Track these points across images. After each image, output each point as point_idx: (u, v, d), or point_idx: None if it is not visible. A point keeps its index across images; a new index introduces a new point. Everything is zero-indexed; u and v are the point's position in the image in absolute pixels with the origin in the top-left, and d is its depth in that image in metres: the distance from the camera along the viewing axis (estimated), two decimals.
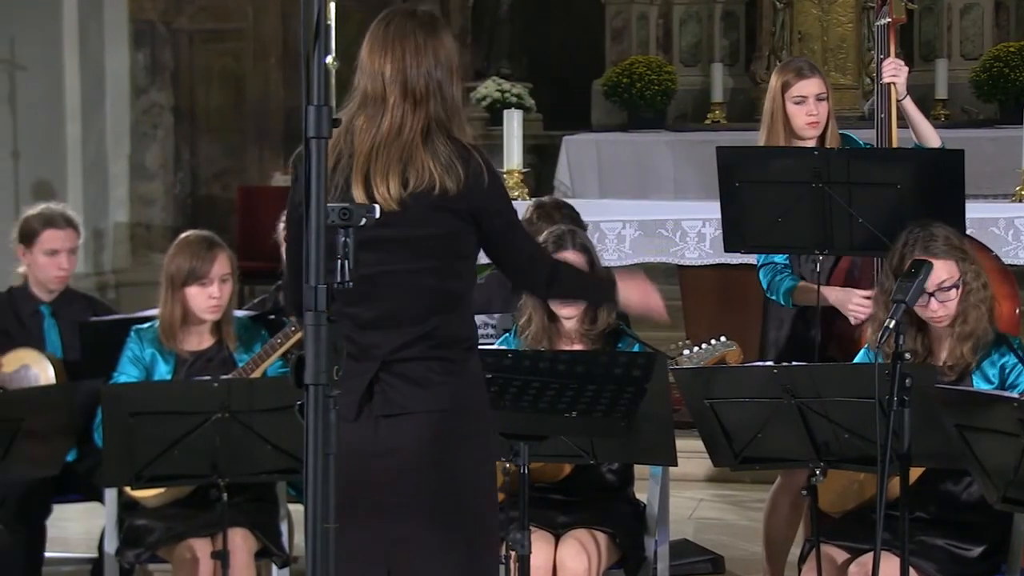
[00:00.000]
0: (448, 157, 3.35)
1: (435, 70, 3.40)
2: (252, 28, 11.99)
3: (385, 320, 3.36)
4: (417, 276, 3.36)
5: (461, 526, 3.40)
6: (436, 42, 3.43)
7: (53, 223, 5.35)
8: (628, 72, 11.35)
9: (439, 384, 3.36)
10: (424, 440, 3.34)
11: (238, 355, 4.88)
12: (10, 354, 5.16)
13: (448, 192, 3.32)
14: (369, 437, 3.33)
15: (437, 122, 3.38)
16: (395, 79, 3.37)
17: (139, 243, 11.97)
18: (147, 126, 11.97)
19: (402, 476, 3.34)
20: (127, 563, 4.67)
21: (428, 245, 3.36)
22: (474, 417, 3.43)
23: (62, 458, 4.64)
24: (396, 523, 3.36)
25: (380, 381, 3.34)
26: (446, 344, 3.39)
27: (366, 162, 3.35)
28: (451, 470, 3.36)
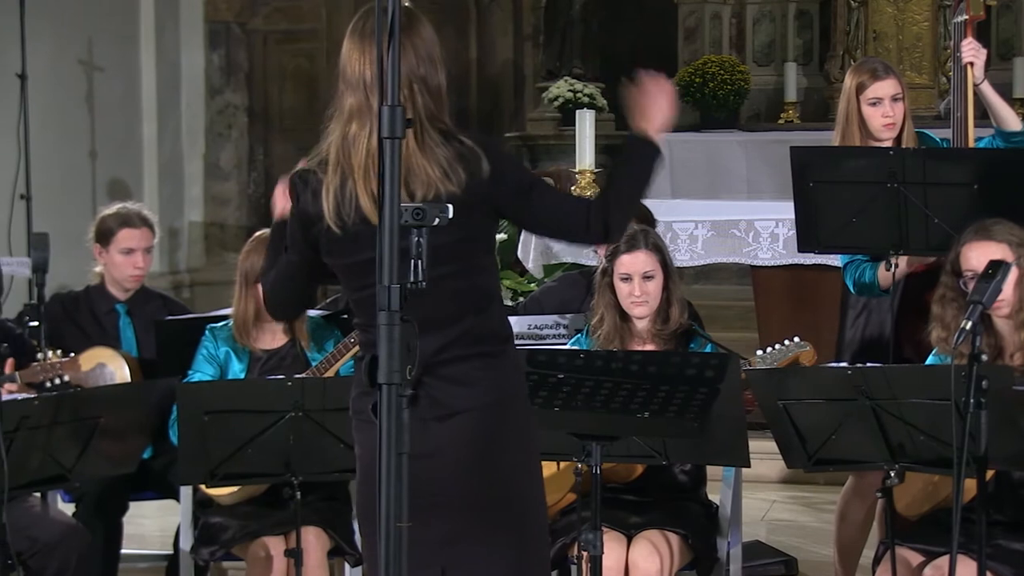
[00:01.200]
0: (447, 159, 3.28)
1: (417, 68, 3.31)
2: (325, 28, 12.06)
3: (424, 324, 3.33)
4: (445, 281, 3.30)
5: (511, 519, 3.38)
6: (414, 38, 3.33)
7: (129, 222, 5.40)
8: (701, 72, 11.31)
9: (481, 380, 3.35)
10: (472, 438, 3.33)
11: (311, 354, 4.90)
12: (87, 352, 5.20)
13: (455, 194, 3.25)
14: (418, 439, 3.31)
15: (428, 119, 3.30)
16: (376, 83, 3.22)
17: (213, 242, 12.08)
18: (221, 126, 12.07)
19: (452, 475, 3.33)
20: (202, 560, 4.71)
21: (449, 251, 3.29)
22: (517, 409, 3.42)
23: (138, 456, 4.68)
24: (448, 522, 3.34)
25: (424, 384, 3.31)
26: (483, 339, 3.37)
27: (365, 177, 3.27)
28: (498, 465, 3.35)
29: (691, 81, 11.32)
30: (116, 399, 4.50)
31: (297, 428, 4.30)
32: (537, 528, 3.49)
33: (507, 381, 3.40)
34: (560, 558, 4.47)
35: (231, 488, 4.68)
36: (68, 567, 4.47)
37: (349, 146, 3.31)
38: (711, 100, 11.29)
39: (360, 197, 3.28)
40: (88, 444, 4.33)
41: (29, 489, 4.47)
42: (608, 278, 4.71)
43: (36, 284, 5.20)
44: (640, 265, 4.64)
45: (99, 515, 5.03)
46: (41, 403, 4.23)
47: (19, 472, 4.13)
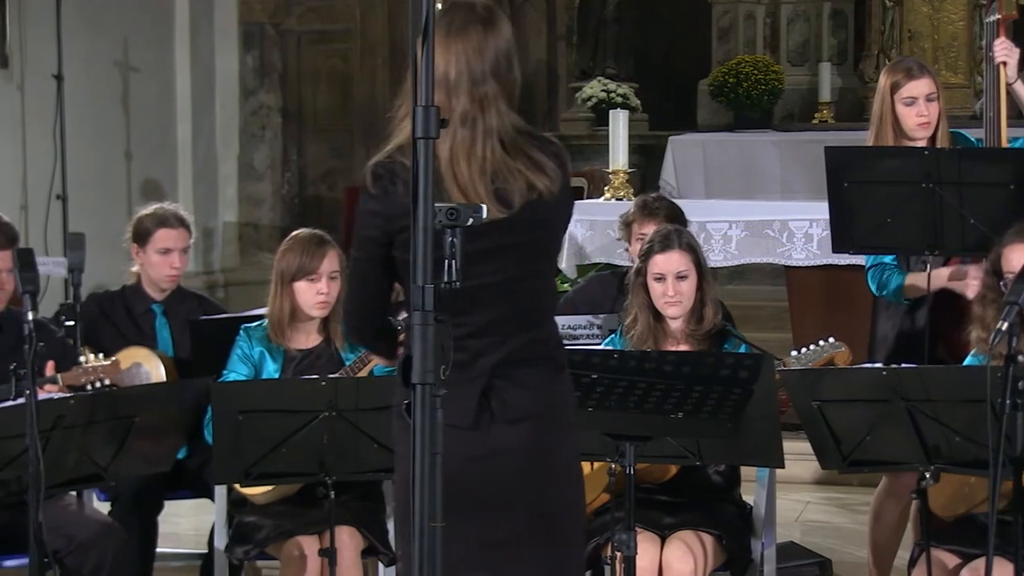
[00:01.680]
0: (537, 156, 3.26)
1: (499, 65, 3.27)
2: (359, 29, 12.07)
3: (495, 327, 3.32)
4: (528, 282, 3.32)
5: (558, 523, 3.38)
6: (497, 37, 3.29)
7: (166, 222, 5.42)
8: (735, 72, 11.29)
9: (545, 384, 3.34)
10: (534, 442, 3.31)
11: (345, 354, 4.91)
12: (123, 352, 5.22)
13: (552, 192, 3.26)
14: (480, 441, 3.31)
15: (511, 119, 3.28)
16: (459, 84, 3.24)
17: (247, 243, 12.11)
18: (256, 127, 12.10)
19: (513, 478, 3.31)
20: (236, 559, 4.72)
21: (539, 252, 3.32)
22: (569, 414, 3.42)
23: (173, 455, 4.70)
24: (503, 524, 3.34)
25: (495, 388, 3.30)
26: (548, 344, 3.38)
27: (454, 176, 3.23)
28: (553, 469, 3.35)
29: (725, 81, 11.31)
30: (152, 398, 4.52)
31: (331, 428, 4.31)
32: (578, 532, 3.50)
33: (564, 386, 3.40)
34: (594, 558, 4.46)
35: (265, 487, 4.70)
36: (104, 565, 4.48)
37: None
38: (745, 100, 11.27)
39: (451, 192, 3.23)
40: (124, 443, 4.35)
41: (65, 488, 4.49)
42: (642, 278, 4.71)
43: (72, 284, 5.22)
44: (674, 265, 4.64)
45: (135, 514, 5.05)
46: (77, 402, 4.24)
47: (55, 471, 4.15)
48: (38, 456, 3.91)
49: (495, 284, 3.30)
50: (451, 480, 3.22)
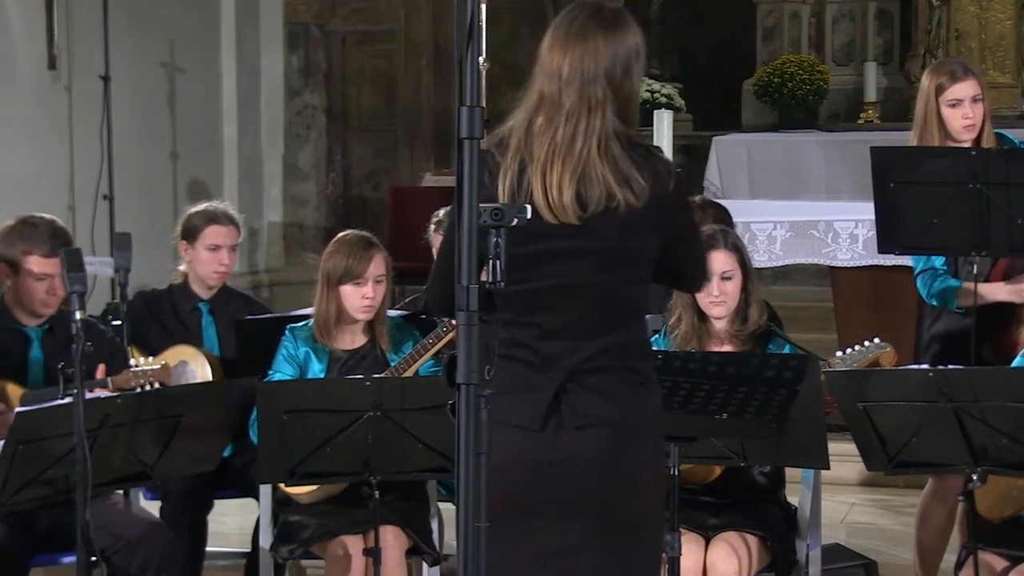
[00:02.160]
0: (627, 167, 3.25)
1: (615, 70, 3.28)
2: (404, 30, 12.09)
3: (576, 329, 3.30)
4: (603, 288, 3.29)
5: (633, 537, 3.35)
6: (618, 41, 3.30)
7: (216, 219, 5.46)
8: (779, 72, 11.26)
9: (624, 394, 3.30)
10: (606, 450, 3.28)
11: (390, 354, 4.92)
12: (169, 351, 5.26)
13: (633, 205, 3.23)
14: (550, 446, 3.28)
15: (615, 127, 3.28)
16: (572, 80, 3.26)
17: (292, 243, 12.15)
18: (300, 127, 12.14)
19: (582, 485, 3.29)
20: (281, 558, 4.73)
21: (620, 259, 3.29)
22: (653, 426, 3.37)
23: (219, 454, 4.72)
24: (572, 532, 3.31)
25: (567, 392, 3.29)
26: (630, 353, 3.33)
27: (543, 173, 3.25)
28: (630, 480, 3.31)
29: (769, 81, 11.28)
30: (198, 398, 4.54)
31: (376, 428, 4.32)
32: (656, 546, 3.47)
33: (648, 397, 3.35)
34: None
35: (310, 487, 4.71)
36: (151, 564, 4.50)
37: (533, 135, 3.29)
38: (790, 100, 11.23)
39: (535, 190, 3.25)
40: (170, 442, 4.37)
41: (112, 487, 4.52)
42: None
43: (119, 284, 5.26)
44: (719, 265, 4.63)
45: (184, 513, 5.07)
46: (124, 401, 4.27)
47: (102, 470, 4.17)
48: (85, 455, 3.93)
49: (566, 286, 3.28)
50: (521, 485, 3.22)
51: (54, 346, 4.81)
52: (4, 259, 4.81)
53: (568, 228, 3.25)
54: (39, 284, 4.75)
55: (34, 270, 4.74)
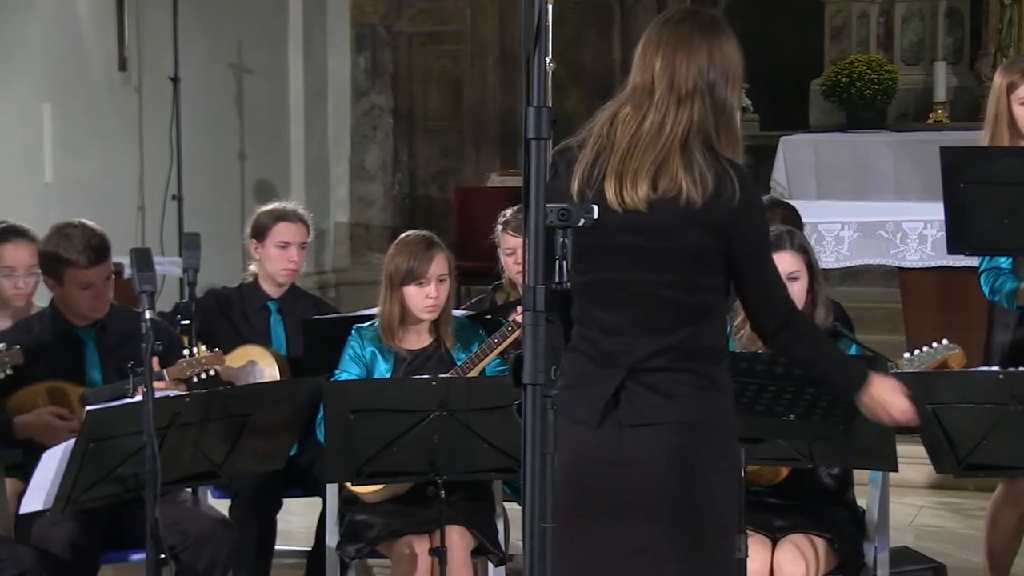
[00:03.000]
0: (702, 169, 3.26)
1: (707, 72, 3.31)
2: (470, 30, 12.12)
3: (633, 327, 3.30)
4: (666, 288, 3.29)
5: (700, 540, 3.34)
6: (713, 43, 3.34)
7: (285, 217, 5.50)
8: (847, 71, 11.19)
9: (686, 396, 3.29)
10: (668, 452, 3.28)
11: (456, 354, 4.93)
12: (238, 350, 5.29)
13: (694, 203, 3.24)
14: (612, 445, 3.29)
15: (700, 127, 3.29)
16: (664, 74, 3.30)
17: (358, 243, 12.21)
18: (367, 128, 12.20)
19: (643, 486, 3.29)
20: (347, 557, 4.75)
21: (677, 259, 3.28)
22: (719, 430, 3.35)
23: (286, 453, 4.74)
24: (633, 533, 3.31)
25: (626, 389, 3.29)
26: (695, 356, 3.32)
27: (621, 160, 3.28)
28: (693, 483, 3.30)
29: (837, 81, 11.21)
30: (265, 397, 4.56)
31: (442, 427, 4.33)
32: (726, 548, 3.45)
33: (713, 400, 3.34)
34: None
35: (376, 486, 4.73)
36: (218, 562, 4.54)
37: (617, 124, 3.32)
38: (858, 100, 11.16)
39: (606, 180, 3.28)
40: (237, 441, 4.40)
41: (180, 485, 4.54)
42: None
43: (187, 283, 5.29)
44: (785, 266, 4.59)
45: (252, 512, 5.11)
46: (192, 400, 4.29)
47: (171, 468, 4.20)
48: (155, 453, 3.96)
49: (620, 282, 3.29)
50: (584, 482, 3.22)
51: (108, 344, 4.85)
52: (45, 270, 4.85)
53: (625, 223, 3.25)
54: (83, 293, 4.79)
55: (75, 281, 4.77)
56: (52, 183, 8.78)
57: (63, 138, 8.89)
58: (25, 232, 5.37)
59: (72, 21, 9.07)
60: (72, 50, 9.09)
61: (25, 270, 5.28)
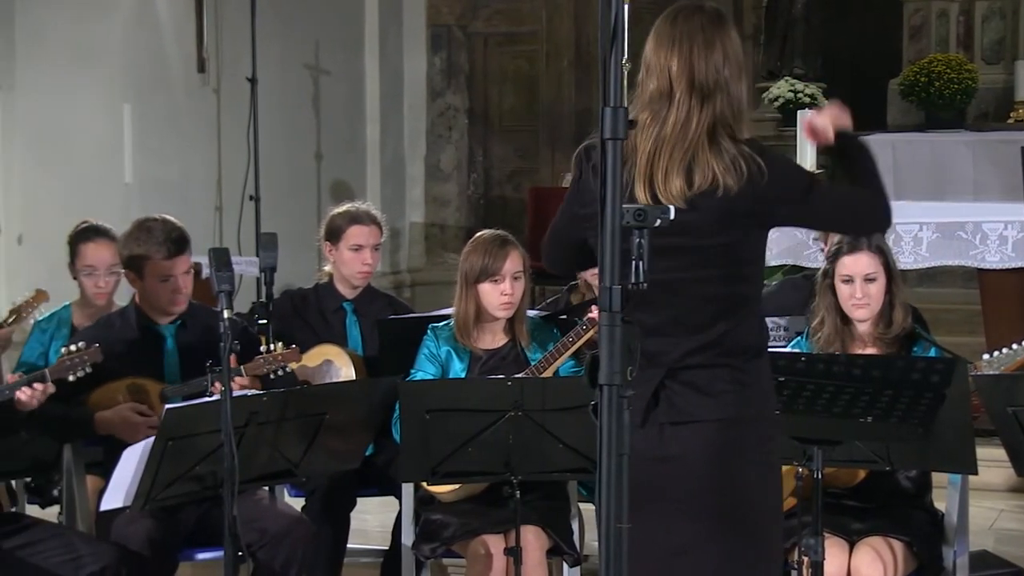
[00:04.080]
0: (732, 157, 3.27)
1: (723, 67, 3.33)
2: (545, 31, 12.12)
3: (670, 326, 3.32)
4: (702, 284, 3.31)
5: (742, 537, 3.33)
6: (724, 37, 3.37)
7: (358, 220, 5.52)
8: (926, 71, 11.08)
9: (725, 392, 3.30)
10: (709, 448, 3.29)
11: (530, 353, 4.93)
12: (314, 349, 5.32)
13: (730, 191, 3.25)
14: (654, 443, 3.30)
15: (722, 121, 3.31)
16: (682, 74, 3.32)
17: (433, 243, 12.25)
18: (442, 128, 12.23)
19: (684, 483, 3.30)
20: (423, 556, 4.76)
21: (713, 254, 3.29)
22: (760, 426, 3.35)
23: (362, 452, 4.76)
24: (679, 530, 3.32)
25: (666, 388, 3.31)
26: (733, 352, 3.32)
27: (649, 161, 3.30)
28: (735, 480, 3.31)
29: (916, 80, 11.11)
30: (341, 396, 4.59)
31: (516, 427, 4.33)
32: (772, 545, 3.44)
33: (753, 396, 3.34)
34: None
35: (452, 486, 4.74)
36: (295, 560, 4.56)
37: (637, 132, 3.33)
38: (937, 100, 11.05)
39: (635, 184, 3.29)
40: (314, 440, 4.43)
41: (258, 483, 4.58)
42: (829, 280, 4.65)
43: (264, 283, 5.33)
44: (862, 267, 4.57)
45: (327, 510, 5.13)
46: (270, 399, 4.32)
47: (248, 466, 4.24)
48: (233, 451, 3.99)
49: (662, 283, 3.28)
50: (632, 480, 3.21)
51: (187, 341, 4.89)
52: (127, 264, 4.90)
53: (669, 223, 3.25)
54: (163, 286, 4.83)
55: (155, 274, 4.82)
56: (132, 183, 8.87)
57: (142, 139, 8.98)
58: (106, 232, 5.44)
59: (152, 23, 9.16)
60: (152, 52, 9.18)
61: (106, 269, 5.35)
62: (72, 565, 4.29)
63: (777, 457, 3.47)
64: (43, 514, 5.31)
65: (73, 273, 5.47)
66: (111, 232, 5.44)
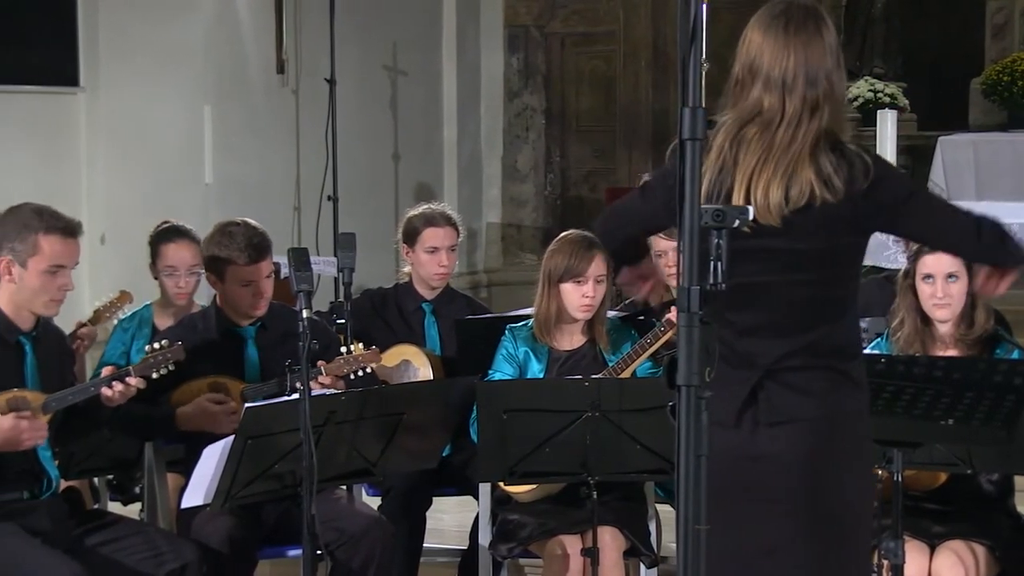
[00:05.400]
0: (828, 166, 3.25)
1: (833, 71, 3.31)
2: (622, 31, 12.10)
3: (767, 328, 3.31)
4: (799, 288, 3.29)
5: (833, 538, 3.32)
6: (826, 36, 3.34)
7: (434, 222, 5.54)
8: (1009, 70, 10.96)
9: (824, 392, 3.29)
10: (805, 447, 3.28)
11: (608, 355, 4.93)
12: (392, 349, 5.34)
13: (828, 202, 3.23)
14: (747, 442, 3.29)
15: (827, 130, 3.29)
16: (795, 86, 3.28)
17: (510, 243, 12.26)
18: (519, 128, 12.24)
19: (778, 481, 3.29)
20: (500, 557, 4.77)
21: (810, 259, 3.28)
22: (857, 426, 3.34)
23: (439, 452, 4.77)
24: (766, 531, 3.30)
25: (764, 388, 3.30)
26: (830, 353, 3.31)
27: (751, 172, 3.27)
28: (829, 479, 3.29)
29: (999, 80, 10.99)
30: (420, 396, 4.60)
31: (594, 428, 4.33)
32: (862, 548, 3.42)
33: (849, 397, 3.33)
34: None
35: (529, 486, 4.74)
36: (373, 559, 4.58)
37: (741, 142, 3.31)
38: (1020, 99, 10.93)
39: (736, 192, 3.27)
40: (392, 439, 4.44)
41: (336, 482, 4.60)
42: (910, 280, 4.61)
43: (343, 283, 5.35)
44: (944, 266, 4.52)
45: (404, 509, 5.15)
46: (348, 398, 4.34)
47: (327, 465, 4.26)
48: (311, 451, 4.01)
49: (756, 285, 3.28)
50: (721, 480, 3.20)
51: (267, 342, 4.92)
52: (208, 267, 4.94)
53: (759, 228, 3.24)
54: (244, 290, 4.86)
55: (237, 278, 4.85)
56: (212, 184, 8.95)
57: (222, 140, 9.06)
58: (187, 232, 5.48)
59: (232, 25, 9.24)
60: (232, 53, 9.26)
61: (187, 269, 5.39)
62: (153, 562, 4.33)
63: (871, 458, 3.45)
64: (125, 511, 5.37)
65: (154, 273, 5.52)
66: (192, 233, 5.48)
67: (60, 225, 4.32)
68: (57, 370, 4.47)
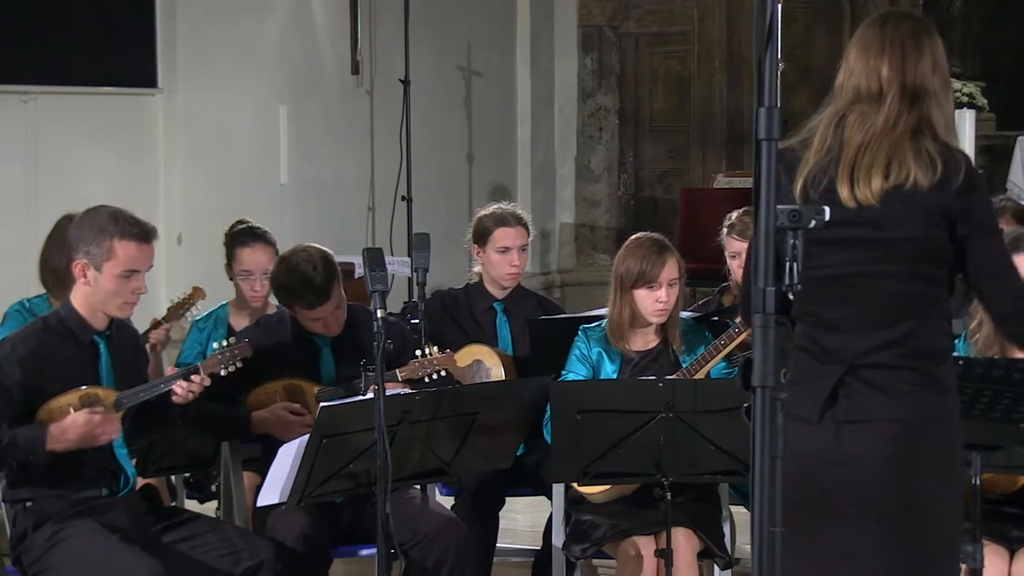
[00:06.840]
0: (930, 155, 3.27)
1: (932, 75, 3.36)
2: (696, 31, 12.07)
3: (853, 322, 3.29)
4: (888, 279, 3.27)
5: (916, 547, 3.27)
6: (933, 45, 3.39)
7: (504, 222, 5.53)
8: None
9: (907, 394, 3.25)
10: (886, 450, 3.24)
11: (682, 356, 4.91)
12: (464, 349, 5.35)
13: (920, 187, 3.24)
14: (829, 443, 3.26)
15: (927, 122, 3.32)
16: (894, 77, 3.34)
17: (583, 244, 12.25)
18: (593, 129, 12.23)
19: (860, 485, 3.25)
20: (573, 557, 4.76)
21: (901, 248, 3.26)
22: (942, 433, 3.29)
23: (513, 452, 4.77)
24: (845, 536, 3.27)
25: (845, 385, 3.27)
26: (917, 354, 3.27)
27: (854, 157, 3.30)
28: (913, 483, 3.25)
29: None
30: (493, 396, 4.60)
31: (668, 429, 4.32)
32: (946, 558, 3.36)
33: (935, 400, 3.29)
34: None
35: (602, 487, 4.73)
36: (446, 559, 4.58)
37: (845, 126, 3.35)
38: None
39: (839, 180, 3.30)
40: (466, 439, 4.45)
41: (410, 481, 4.60)
42: None
43: (417, 283, 5.37)
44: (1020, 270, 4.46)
45: (476, 509, 5.16)
46: (422, 398, 4.35)
47: (401, 464, 4.28)
48: (386, 450, 4.03)
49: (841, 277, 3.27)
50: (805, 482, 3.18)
51: (343, 344, 4.94)
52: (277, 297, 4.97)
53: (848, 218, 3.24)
54: (315, 323, 4.89)
55: (304, 318, 4.87)
56: (287, 184, 9.01)
57: (298, 140, 9.12)
58: (262, 235, 5.51)
59: (308, 26, 9.30)
60: (307, 54, 9.32)
61: (262, 273, 5.42)
62: (230, 559, 4.37)
63: (960, 470, 3.40)
64: (201, 509, 5.42)
65: (230, 274, 5.55)
66: (268, 236, 5.51)
67: (135, 230, 4.35)
68: (131, 368, 4.52)
